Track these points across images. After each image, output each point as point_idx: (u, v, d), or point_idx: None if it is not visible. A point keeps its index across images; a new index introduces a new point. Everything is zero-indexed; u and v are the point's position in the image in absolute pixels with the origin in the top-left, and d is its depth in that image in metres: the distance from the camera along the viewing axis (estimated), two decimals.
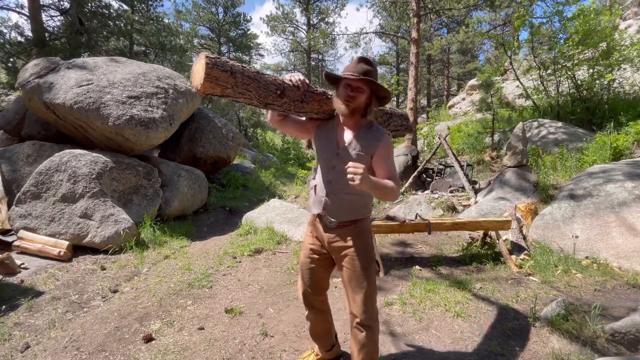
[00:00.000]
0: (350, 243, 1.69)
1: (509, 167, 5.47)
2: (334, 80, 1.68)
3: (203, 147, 6.80)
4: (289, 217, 5.02)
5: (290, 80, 1.56)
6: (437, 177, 7.56)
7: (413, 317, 2.64)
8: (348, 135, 1.67)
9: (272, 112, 1.71)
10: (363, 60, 1.61)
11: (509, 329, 2.47)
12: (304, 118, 1.81)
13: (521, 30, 8.90)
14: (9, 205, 4.19)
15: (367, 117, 1.68)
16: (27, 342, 2.31)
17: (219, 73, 1.32)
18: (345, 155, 1.63)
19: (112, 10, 12.23)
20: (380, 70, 28.80)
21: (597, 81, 7.52)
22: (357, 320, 1.68)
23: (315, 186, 1.78)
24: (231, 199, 6.78)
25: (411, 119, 8.08)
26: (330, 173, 1.68)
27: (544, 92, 8.97)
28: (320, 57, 27.87)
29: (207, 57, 1.31)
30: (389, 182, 1.55)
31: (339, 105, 1.62)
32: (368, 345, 1.70)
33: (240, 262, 3.84)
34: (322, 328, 2.02)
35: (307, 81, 1.61)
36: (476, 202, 5.49)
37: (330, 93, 1.71)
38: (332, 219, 1.70)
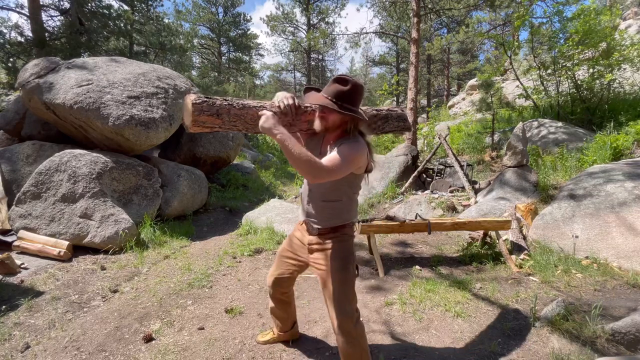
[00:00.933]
0: (328, 247, 1.73)
1: (509, 167, 5.46)
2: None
3: (203, 147, 6.80)
4: (289, 217, 5.02)
5: (279, 107, 1.55)
6: (437, 177, 7.55)
7: (413, 317, 2.65)
8: (328, 148, 1.66)
9: None
10: (337, 80, 1.57)
11: (509, 329, 2.47)
12: None
13: (521, 30, 8.89)
14: (9, 205, 4.19)
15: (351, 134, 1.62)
16: (27, 342, 2.31)
17: (205, 118, 1.43)
18: None
19: (112, 10, 12.21)
20: (380, 70, 28.72)
21: (597, 81, 7.51)
22: (335, 323, 1.68)
23: (301, 194, 1.86)
24: (231, 199, 6.78)
25: (411, 119, 8.06)
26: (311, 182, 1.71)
27: (544, 92, 8.96)
28: (320, 57, 27.86)
29: (193, 104, 1.39)
30: (306, 152, 1.40)
31: (316, 122, 1.63)
32: (352, 355, 1.70)
33: (240, 262, 3.84)
34: (280, 313, 2.19)
35: (296, 104, 1.59)
36: (476, 202, 5.48)
37: None
38: (315, 226, 1.75)
